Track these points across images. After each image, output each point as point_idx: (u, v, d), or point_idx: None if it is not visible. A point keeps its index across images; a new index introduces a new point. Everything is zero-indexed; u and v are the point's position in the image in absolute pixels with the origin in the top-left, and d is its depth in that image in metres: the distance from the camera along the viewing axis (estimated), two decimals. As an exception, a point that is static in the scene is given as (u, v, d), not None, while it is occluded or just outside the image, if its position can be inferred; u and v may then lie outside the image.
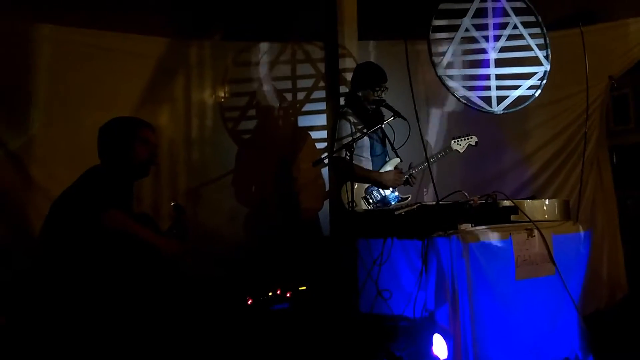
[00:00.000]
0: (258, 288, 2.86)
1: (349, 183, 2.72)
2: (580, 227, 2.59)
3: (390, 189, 3.17)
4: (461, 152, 3.32)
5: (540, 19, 3.43)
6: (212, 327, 2.66)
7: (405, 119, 2.99)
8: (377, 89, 3.15)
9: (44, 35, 3.34)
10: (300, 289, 2.96)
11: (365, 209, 3.05)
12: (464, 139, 3.31)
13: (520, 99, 3.44)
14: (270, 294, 2.85)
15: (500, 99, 3.40)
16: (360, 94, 3.20)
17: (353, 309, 2.51)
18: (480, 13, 3.44)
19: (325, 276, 2.98)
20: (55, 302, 2.07)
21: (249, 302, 2.80)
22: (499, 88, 3.41)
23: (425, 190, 3.25)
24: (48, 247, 2.16)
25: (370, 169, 3.17)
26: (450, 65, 3.42)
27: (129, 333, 2.08)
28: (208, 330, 2.62)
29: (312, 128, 4.02)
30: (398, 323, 2.40)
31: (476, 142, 3.35)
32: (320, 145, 3.99)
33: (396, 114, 2.98)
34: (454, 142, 3.30)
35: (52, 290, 2.08)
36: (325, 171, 3.92)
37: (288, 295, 2.90)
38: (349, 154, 2.63)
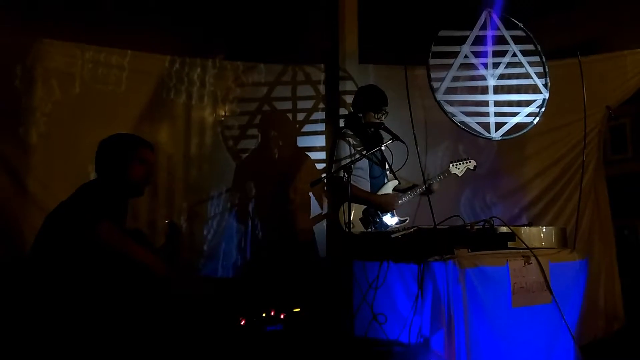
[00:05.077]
0: (251, 309, 2.82)
1: (346, 204, 2.71)
2: (577, 256, 2.58)
3: (389, 212, 3.16)
4: (460, 175, 3.32)
5: (539, 48, 3.47)
6: (203, 347, 2.61)
7: (403, 142, 3.00)
8: (379, 112, 3.17)
9: (44, 49, 3.37)
10: (294, 310, 2.92)
11: (362, 231, 3.04)
12: (463, 163, 3.32)
13: (519, 126, 3.46)
14: (263, 315, 2.81)
15: (499, 126, 3.41)
16: (361, 116, 3.22)
17: (347, 333, 2.47)
18: (480, 40, 3.48)
19: (320, 298, 2.95)
20: (43, 315, 2.03)
21: (242, 323, 2.76)
22: (497, 114, 3.43)
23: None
24: (39, 258, 2.13)
25: (369, 190, 3.17)
26: (449, 91, 3.45)
27: (119, 350, 2.04)
28: (199, 350, 2.58)
29: (311, 149, 4.03)
30: (392, 348, 2.37)
31: (475, 167, 3.36)
32: (319, 166, 3.99)
33: (395, 137, 3.00)
34: (453, 165, 3.30)
35: (41, 302, 2.05)
36: (323, 192, 3.92)
37: (282, 316, 2.86)
38: (347, 175, 2.63)
